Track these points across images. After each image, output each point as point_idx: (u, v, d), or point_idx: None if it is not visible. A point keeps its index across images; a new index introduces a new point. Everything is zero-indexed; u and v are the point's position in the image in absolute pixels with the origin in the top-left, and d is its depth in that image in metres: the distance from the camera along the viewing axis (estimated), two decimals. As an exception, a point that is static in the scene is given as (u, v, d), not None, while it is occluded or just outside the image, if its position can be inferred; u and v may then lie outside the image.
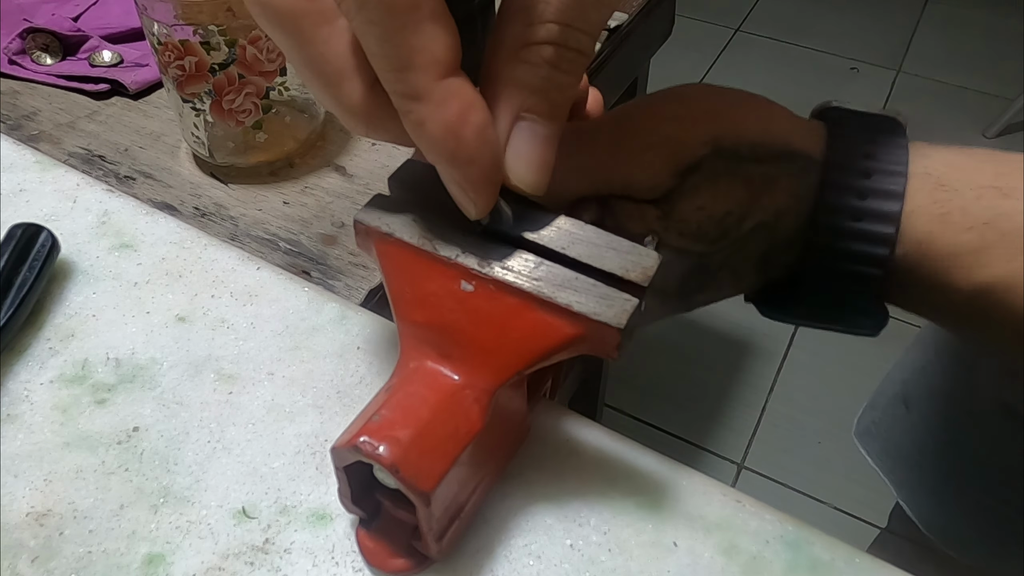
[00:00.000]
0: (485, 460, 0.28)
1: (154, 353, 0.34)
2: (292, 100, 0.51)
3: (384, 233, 0.27)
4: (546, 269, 0.25)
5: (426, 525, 0.25)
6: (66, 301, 0.37)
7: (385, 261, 0.27)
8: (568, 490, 0.30)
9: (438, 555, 0.27)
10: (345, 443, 0.24)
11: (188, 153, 0.53)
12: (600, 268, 0.25)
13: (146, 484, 0.30)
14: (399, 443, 0.24)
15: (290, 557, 0.28)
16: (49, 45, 0.59)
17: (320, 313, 0.36)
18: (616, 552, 0.28)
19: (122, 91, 0.58)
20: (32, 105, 0.57)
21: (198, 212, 0.49)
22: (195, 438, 0.31)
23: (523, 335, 0.25)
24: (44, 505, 0.30)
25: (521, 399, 0.29)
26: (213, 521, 0.29)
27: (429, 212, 0.27)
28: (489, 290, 0.26)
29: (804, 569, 0.27)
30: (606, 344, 0.25)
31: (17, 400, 0.33)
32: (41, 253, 0.36)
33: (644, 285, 0.25)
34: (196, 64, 0.46)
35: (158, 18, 0.44)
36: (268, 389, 0.33)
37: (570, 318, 0.25)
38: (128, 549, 0.28)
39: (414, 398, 0.25)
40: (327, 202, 0.50)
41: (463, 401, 0.25)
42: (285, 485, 0.30)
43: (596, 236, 0.26)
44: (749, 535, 0.28)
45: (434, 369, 0.26)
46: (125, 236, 0.40)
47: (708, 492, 0.30)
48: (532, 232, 0.26)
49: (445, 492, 0.25)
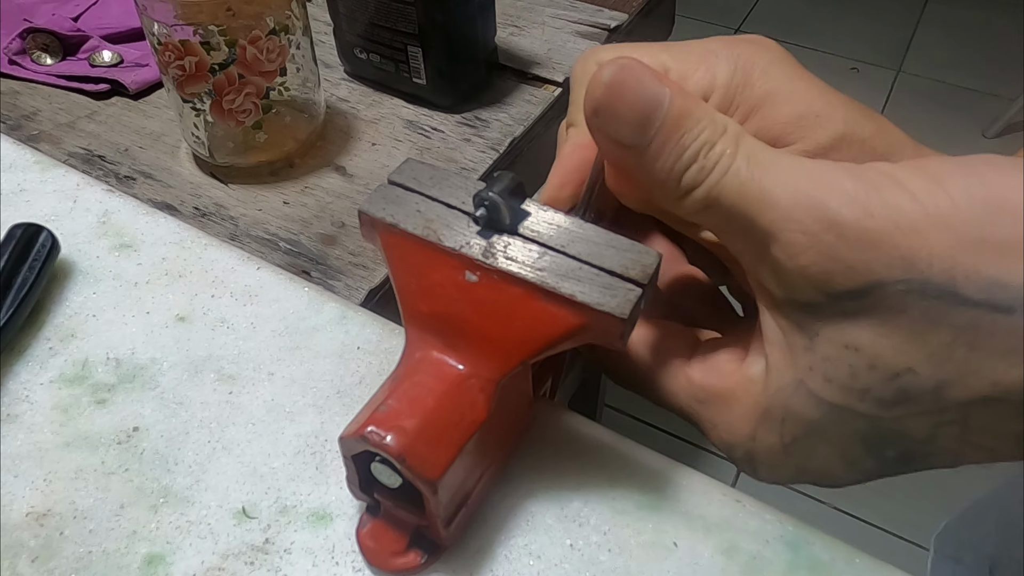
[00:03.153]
0: (491, 448, 0.28)
1: (154, 353, 0.34)
2: (292, 100, 0.51)
3: (389, 224, 0.27)
4: (549, 259, 0.26)
5: (434, 512, 0.26)
6: (66, 301, 0.37)
7: (390, 252, 0.27)
8: (568, 490, 0.30)
9: (447, 541, 0.27)
10: (352, 433, 0.25)
11: (188, 153, 0.53)
12: (600, 266, 0.25)
13: (146, 484, 0.30)
14: (405, 432, 0.24)
15: (290, 557, 0.28)
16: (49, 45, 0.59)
17: (320, 313, 0.36)
18: (616, 552, 0.28)
19: (122, 91, 0.58)
20: (32, 105, 0.57)
21: (198, 212, 0.49)
22: (195, 438, 0.31)
23: (527, 325, 0.26)
24: (44, 505, 0.30)
25: (526, 388, 0.29)
26: (213, 521, 0.29)
27: (432, 205, 0.27)
28: (493, 280, 0.26)
29: (804, 569, 0.27)
30: (609, 334, 0.25)
31: (17, 400, 0.33)
32: (41, 253, 0.36)
33: (644, 283, 0.25)
34: (196, 64, 0.46)
35: (158, 18, 0.44)
36: (268, 389, 0.33)
37: (573, 308, 0.25)
38: (128, 549, 0.28)
39: (420, 388, 0.26)
40: (327, 202, 0.50)
41: (468, 390, 0.26)
42: (285, 485, 0.30)
43: (596, 234, 0.26)
44: (749, 535, 0.28)
45: (439, 359, 0.26)
46: (125, 236, 0.40)
47: (708, 492, 0.30)
48: (531, 230, 0.26)
49: (452, 480, 0.25)
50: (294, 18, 0.48)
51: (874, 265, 0.21)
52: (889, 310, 0.21)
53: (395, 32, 0.53)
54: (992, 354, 0.20)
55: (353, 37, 0.56)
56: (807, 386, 0.23)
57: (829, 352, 0.22)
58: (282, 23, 0.47)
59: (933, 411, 0.22)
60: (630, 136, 0.24)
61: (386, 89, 0.58)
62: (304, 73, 0.50)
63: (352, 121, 0.56)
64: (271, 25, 0.46)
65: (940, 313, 0.20)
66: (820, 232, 0.21)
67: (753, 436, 0.26)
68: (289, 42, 0.48)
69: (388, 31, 0.53)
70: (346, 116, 0.56)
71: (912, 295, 0.21)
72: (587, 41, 0.62)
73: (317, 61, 0.52)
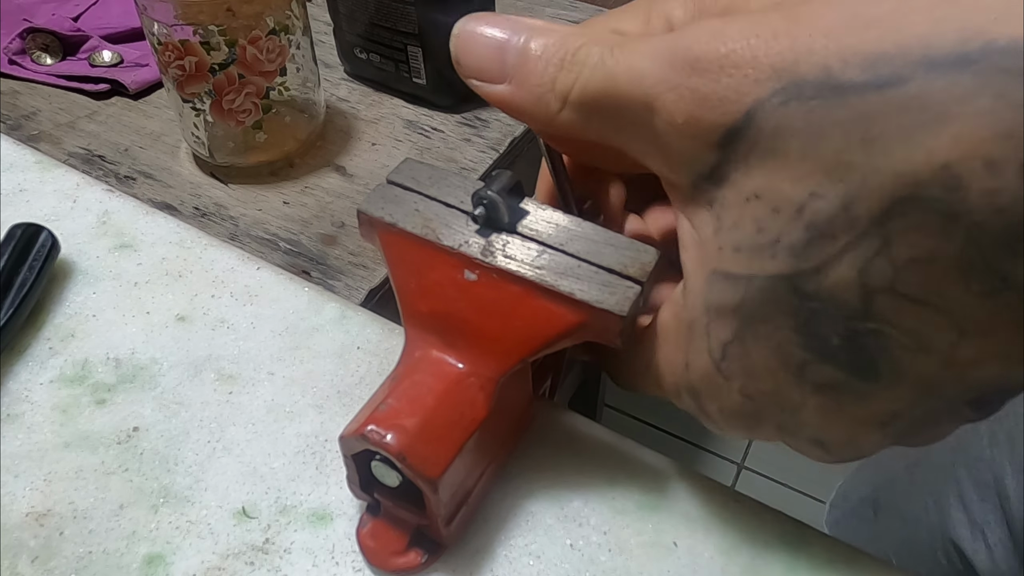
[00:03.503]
0: (491, 446, 0.28)
1: (154, 353, 0.34)
2: (292, 100, 0.51)
3: (388, 223, 0.27)
4: (548, 257, 0.26)
5: (435, 511, 0.26)
6: (66, 301, 0.37)
7: (389, 251, 0.28)
8: (568, 490, 0.30)
9: (448, 539, 0.27)
10: (353, 432, 0.25)
11: (188, 153, 0.53)
12: (598, 264, 0.25)
13: (146, 484, 0.30)
14: (406, 431, 0.24)
15: (290, 557, 0.28)
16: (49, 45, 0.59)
17: (320, 313, 0.36)
18: (616, 552, 0.28)
19: (122, 91, 0.58)
20: (32, 105, 0.57)
21: (198, 212, 0.49)
22: (195, 438, 0.31)
23: (526, 323, 0.26)
24: (44, 505, 0.30)
25: (526, 386, 0.29)
26: (213, 521, 0.29)
27: (431, 204, 0.27)
28: (492, 279, 0.26)
29: (804, 569, 0.27)
30: (609, 331, 0.25)
31: (17, 400, 0.33)
32: (41, 253, 0.36)
33: (643, 281, 0.25)
34: (196, 64, 0.46)
35: (158, 18, 0.44)
36: (268, 389, 0.33)
37: (573, 306, 0.25)
38: (128, 549, 0.28)
39: (420, 387, 0.26)
40: (327, 202, 0.50)
41: (468, 389, 0.26)
42: (285, 485, 0.30)
43: (594, 232, 0.26)
44: (749, 535, 0.28)
45: (439, 358, 0.26)
46: (125, 236, 0.40)
47: (708, 492, 0.29)
48: (530, 228, 0.26)
49: (452, 478, 0.25)
50: (294, 18, 0.48)
51: (743, 86, 0.19)
52: (776, 135, 0.19)
53: (395, 32, 0.53)
54: (888, 141, 0.18)
55: (353, 37, 0.56)
56: (720, 271, 0.22)
57: (734, 216, 0.21)
58: (282, 23, 0.47)
59: (850, 244, 0.19)
60: (493, 73, 0.25)
61: (386, 89, 0.58)
62: (304, 73, 0.50)
63: (352, 121, 0.56)
64: (271, 25, 0.46)
65: (824, 114, 0.18)
66: (685, 79, 0.20)
67: (686, 363, 0.24)
68: (289, 42, 0.48)
69: (388, 31, 0.53)
70: (346, 116, 0.57)
71: (791, 105, 0.19)
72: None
73: (317, 61, 0.52)
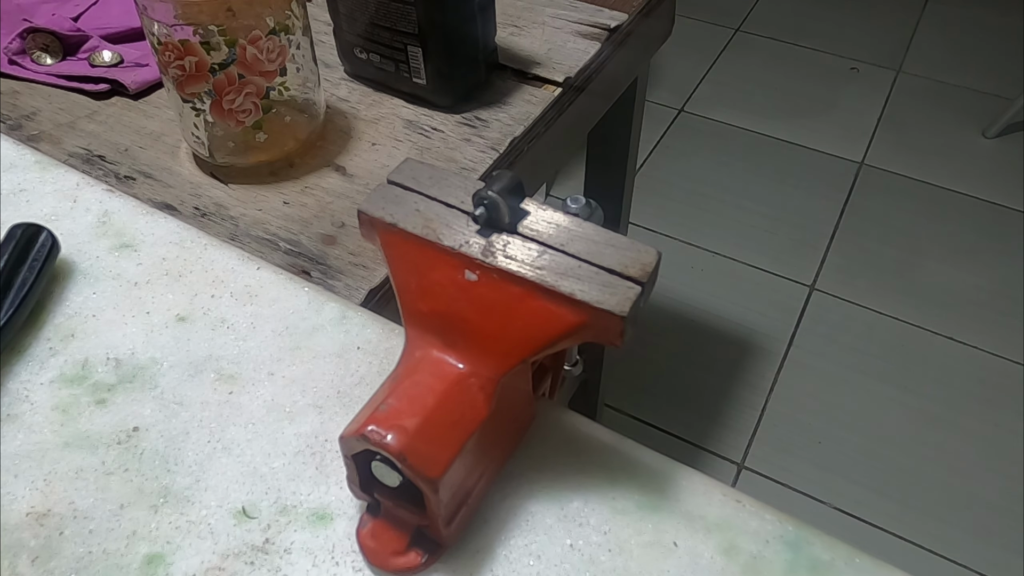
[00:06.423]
0: (491, 446, 0.28)
1: (154, 353, 0.34)
2: (292, 100, 0.51)
3: (388, 223, 0.27)
4: (549, 258, 0.26)
5: (435, 511, 0.26)
6: (66, 301, 0.37)
7: (389, 251, 0.27)
8: (568, 490, 0.29)
9: (448, 539, 0.27)
10: (353, 432, 0.25)
11: (188, 153, 0.53)
12: (599, 264, 0.25)
13: (146, 484, 0.30)
14: (406, 432, 0.24)
15: (290, 557, 0.28)
16: (49, 45, 0.59)
17: (320, 313, 0.36)
18: (616, 552, 0.28)
19: (122, 91, 0.58)
20: (32, 105, 0.57)
21: (198, 212, 0.49)
22: (195, 438, 0.31)
23: (527, 323, 0.26)
24: (44, 505, 0.30)
25: (526, 386, 0.29)
26: (213, 521, 0.29)
27: (431, 204, 0.27)
28: (493, 279, 0.26)
29: (804, 569, 0.27)
30: (609, 332, 0.25)
31: (17, 400, 0.33)
32: (41, 253, 0.36)
33: (643, 281, 0.25)
34: (196, 64, 0.46)
35: (158, 18, 0.44)
36: (268, 389, 0.33)
37: (573, 306, 0.25)
38: (128, 549, 0.28)
39: (420, 387, 0.26)
40: (327, 202, 0.50)
41: (469, 389, 0.26)
42: (285, 485, 0.30)
43: (595, 233, 0.26)
44: (749, 535, 0.28)
45: (439, 358, 0.26)
46: (125, 236, 0.40)
47: (708, 492, 0.29)
48: (531, 228, 0.26)
49: (452, 478, 0.25)
50: (294, 18, 0.48)
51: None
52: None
53: (395, 32, 0.53)
54: None
55: (353, 37, 0.56)
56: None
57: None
58: (282, 23, 0.47)
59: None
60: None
61: (386, 89, 0.58)
62: (304, 73, 0.50)
63: (352, 121, 0.56)
64: (271, 25, 0.46)
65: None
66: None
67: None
68: (289, 42, 0.48)
69: (388, 31, 0.53)
70: (346, 116, 0.56)
71: None
72: (587, 41, 0.62)
73: (317, 61, 0.52)
